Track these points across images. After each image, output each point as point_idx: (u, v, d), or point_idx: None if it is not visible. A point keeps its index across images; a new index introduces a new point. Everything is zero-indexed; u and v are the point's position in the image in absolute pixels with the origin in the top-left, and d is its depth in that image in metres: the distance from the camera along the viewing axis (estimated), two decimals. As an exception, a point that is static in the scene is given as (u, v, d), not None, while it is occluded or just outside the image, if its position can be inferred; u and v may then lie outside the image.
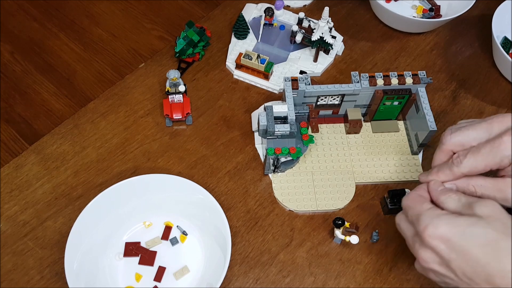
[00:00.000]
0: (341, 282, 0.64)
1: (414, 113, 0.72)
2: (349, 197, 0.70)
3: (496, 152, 0.52)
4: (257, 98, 0.79)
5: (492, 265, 0.47)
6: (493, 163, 0.53)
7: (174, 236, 0.66)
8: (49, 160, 0.72)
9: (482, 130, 0.55)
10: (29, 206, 0.68)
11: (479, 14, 0.91)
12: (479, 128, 0.55)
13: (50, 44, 0.90)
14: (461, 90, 0.82)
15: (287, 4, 0.89)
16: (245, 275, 0.64)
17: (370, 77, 0.69)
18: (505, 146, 0.52)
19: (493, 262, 0.47)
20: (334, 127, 0.75)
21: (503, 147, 0.52)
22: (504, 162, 0.52)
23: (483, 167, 0.54)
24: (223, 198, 0.70)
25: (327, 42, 0.78)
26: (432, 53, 0.86)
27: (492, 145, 0.53)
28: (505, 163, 0.52)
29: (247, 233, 0.67)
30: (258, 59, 0.78)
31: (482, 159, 0.53)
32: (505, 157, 0.52)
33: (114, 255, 0.65)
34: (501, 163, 0.52)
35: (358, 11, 0.91)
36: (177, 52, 0.79)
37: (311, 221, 0.68)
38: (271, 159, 0.68)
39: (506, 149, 0.52)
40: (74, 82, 0.86)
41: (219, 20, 0.88)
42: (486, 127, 0.55)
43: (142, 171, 0.71)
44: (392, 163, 0.73)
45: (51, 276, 0.63)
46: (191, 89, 0.79)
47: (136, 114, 0.77)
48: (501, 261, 0.46)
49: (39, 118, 0.81)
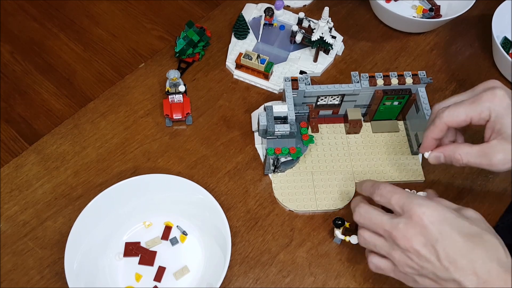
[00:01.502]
0: (341, 282, 0.64)
1: (414, 113, 0.72)
2: (349, 197, 0.70)
3: (477, 103, 0.56)
4: (257, 98, 0.79)
5: (475, 252, 0.48)
6: (474, 113, 0.56)
7: (174, 236, 0.66)
8: (49, 160, 0.72)
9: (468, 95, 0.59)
10: (29, 206, 0.68)
11: (479, 14, 0.91)
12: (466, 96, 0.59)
13: (50, 44, 0.90)
14: (461, 90, 0.81)
15: (287, 4, 0.89)
16: (245, 275, 0.64)
17: (370, 77, 0.69)
18: (486, 98, 0.55)
19: (476, 249, 0.48)
20: (334, 127, 0.75)
21: (484, 99, 0.55)
22: (485, 114, 0.55)
23: (464, 117, 0.56)
24: (223, 198, 0.70)
25: (327, 42, 0.78)
26: (432, 53, 0.86)
27: (473, 98, 0.56)
28: (485, 115, 0.55)
29: (247, 233, 0.67)
30: (258, 59, 0.78)
31: (463, 109, 0.56)
32: (485, 108, 0.55)
33: (114, 255, 0.65)
34: (481, 114, 0.55)
35: (358, 11, 0.91)
36: (177, 52, 0.79)
37: (311, 221, 0.68)
38: (271, 159, 0.68)
39: (487, 101, 0.55)
40: (74, 82, 0.86)
41: (219, 20, 0.88)
42: (471, 91, 0.59)
43: (142, 171, 0.71)
44: (392, 163, 0.73)
45: (51, 276, 0.63)
46: (191, 89, 0.79)
47: (136, 114, 0.77)
48: (485, 249, 0.49)
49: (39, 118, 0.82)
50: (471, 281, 0.48)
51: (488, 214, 0.69)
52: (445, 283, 0.49)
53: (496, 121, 0.55)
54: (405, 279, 0.54)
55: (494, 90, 0.55)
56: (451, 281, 0.49)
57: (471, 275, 0.48)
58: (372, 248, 0.55)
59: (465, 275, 0.48)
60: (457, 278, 0.48)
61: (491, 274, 0.47)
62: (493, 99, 0.55)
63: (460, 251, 0.49)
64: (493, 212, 0.70)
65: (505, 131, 0.54)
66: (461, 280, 0.48)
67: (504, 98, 0.54)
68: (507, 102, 0.54)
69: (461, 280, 0.48)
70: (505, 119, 0.54)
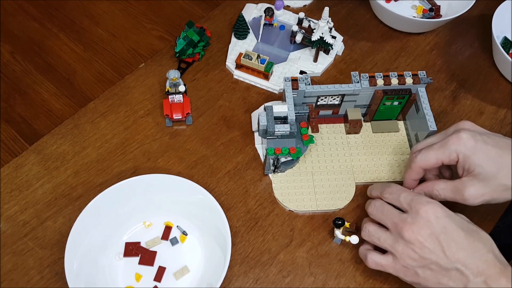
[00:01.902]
0: (341, 282, 0.64)
1: (414, 113, 0.72)
2: (349, 197, 0.70)
3: (445, 147, 0.59)
4: (257, 98, 0.79)
5: (475, 244, 0.54)
6: (444, 156, 0.59)
7: (174, 236, 0.66)
8: (49, 160, 0.72)
9: (440, 137, 0.62)
10: (29, 206, 0.68)
11: (479, 14, 0.91)
12: (438, 138, 0.62)
13: (50, 44, 0.90)
14: (461, 90, 0.82)
15: (287, 4, 0.89)
16: (245, 275, 0.64)
17: (370, 77, 0.69)
18: (452, 142, 0.59)
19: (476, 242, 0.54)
20: (334, 127, 0.75)
21: (450, 142, 0.59)
22: (453, 156, 0.59)
23: (434, 161, 0.60)
24: (223, 198, 0.70)
25: (327, 42, 0.78)
26: (432, 53, 0.86)
27: (442, 141, 0.60)
28: (454, 157, 0.59)
29: (247, 233, 0.67)
30: (258, 59, 0.78)
31: (433, 153, 0.60)
32: (453, 151, 0.59)
33: (114, 255, 0.65)
34: (450, 156, 0.59)
35: (358, 11, 0.91)
36: (177, 52, 0.79)
37: (311, 221, 0.68)
38: (271, 159, 0.68)
39: (453, 144, 0.59)
40: (74, 82, 0.86)
41: (219, 20, 0.88)
42: (443, 133, 0.62)
43: (142, 171, 0.71)
44: (392, 163, 0.73)
45: (51, 276, 0.63)
46: (191, 89, 0.79)
47: (136, 114, 0.77)
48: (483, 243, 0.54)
49: (39, 118, 0.82)
50: (472, 270, 0.53)
51: (488, 214, 0.69)
52: (447, 273, 0.54)
53: (465, 161, 0.59)
54: (404, 273, 0.57)
55: (459, 133, 0.59)
56: (453, 270, 0.53)
57: (471, 265, 0.53)
58: (376, 240, 0.59)
59: (466, 264, 0.53)
60: (459, 268, 0.53)
61: (489, 264, 0.53)
62: (458, 142, 0.59)
63: (462, 243, 0.54)
64: (493, 212, 0.70)
65: (473, 169, 0.58)
66: (463, 270, 0.53)
67: (468, 140, 0.58)
68: (471, 144, 0.58)
69: (463, 269, 0.53)
70: (471, 159, 0.58)
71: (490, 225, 0.69)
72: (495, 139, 0.59)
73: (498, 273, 0.52)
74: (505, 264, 0.53)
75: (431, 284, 0.55)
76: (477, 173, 0.58)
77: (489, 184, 0.57)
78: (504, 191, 0.58)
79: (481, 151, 0.58)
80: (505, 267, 0.53)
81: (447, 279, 0.54)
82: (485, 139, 0.59)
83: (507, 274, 0.52)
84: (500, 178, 0.57)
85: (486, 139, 0.59)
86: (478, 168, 0.58)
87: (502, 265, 0.53)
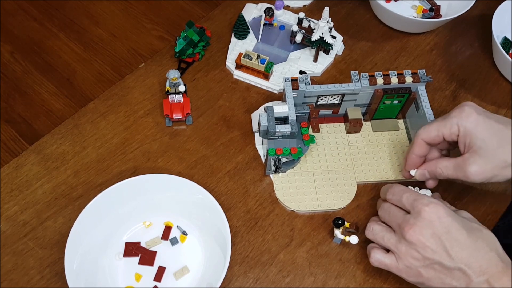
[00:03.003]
0: (341, 282, 0.64)
1: (414, 112, 0.72)
2: (350, 196, 0.70)
3: (447, 119, 0.60)
4: (257, 98, 0.79)
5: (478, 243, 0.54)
6: (445, 129, 0.60)
7: (174, 236, 0.66)
8: (49, 160, 0.72)
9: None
10: (29, 206, 0.68)
11: (479, 14, 0.91)
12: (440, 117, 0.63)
13: (50, 44, 0.90)
14: (461, 90, 0.82)
15: (287, 4, 0.89)
16: (245, 275, 0.64)
17: (370, 76, 0.69)
18: (455, 114, 0.59)
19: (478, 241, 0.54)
20: (334, 127, 0.75)
21: (453, 115, 0.60)
22: (454, 129, 0.59)
23: (436, 132, 0.61)
24: (223, 198, 0.70)
25: (327, 42, 0.78)
26: (432, 53, 0.86)
27: (445, 115, 0.61)
28: (455, 130, 0.59)
29: (247, 233, 0.67)
30: (258, 59, 0.78)
31: (435, 125, 0.61)
32: (454, 124, 0.59)
33: (114, 255, 0.65)
34: (451, 129, 0.59)
35: (358, 11, 0.91)
36: (177, 52, 0.79)
37: (311, 221, 0.68)
38: (272, 160, 0.68)
39: (455, 117, 0.59)
40: (74, 82, 0.86)
41: (219, 20, 0.88)
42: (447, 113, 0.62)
43: (142, 171, 0.71)
44: (393, 161, 0.73)
45: (51, 276, 0.63)
46: (191, 89, 0.79)
47: (136, 114, 0.77)
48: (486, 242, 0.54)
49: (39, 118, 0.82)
50: (474, 269, 0.53)
51: (488, 214, 0.69)
52: (450, 273, 0.54)
53: (466, 135, 0.59)
54: (407, 273, 0.57)
55: (462, 106, 0.59)
56: (456, 270, 0.53)
57: (474, 264, 0.53)
58: (380, 240, 0.59)
59: (469, 263, 0.53)
60: (462, 267, 0.53)
61: (491, 263, 0.53)
62: (460, 114, 0.59)
63: (465, 242, 0.54)
64: (493, 212, 0.70)
65: (474, 144, 0.58)
66: (466, 269, 0.53)
67: (471, 113, 0.58)
68: (474, 117, 0.58)
69: (466, 269, 0.53)
70: (473, 133, 0.58)
71: (490, 225, 0.69)
72: (497, 116, 0.59)
73: (500, 272, 0.52)
74: (507, 263, 0.53)
75: (434, 284, 0.55)
76: (477, 148, 0.57)
77: (490, 160, 0.57)
78: (505, 168, 0.58)
79: (483, 125, 0.58)
80: (508, 266, 0.53)
81: (450, 279, 0.54)
82: (487, 114, 0.59)
83: (509, 273, 0.52)
84: (501, 153, 0.57)
85: (489, 115, 0.59)
86: (479, 142, 0.57)
87: (504, 263, 0.53)
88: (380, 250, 0.59)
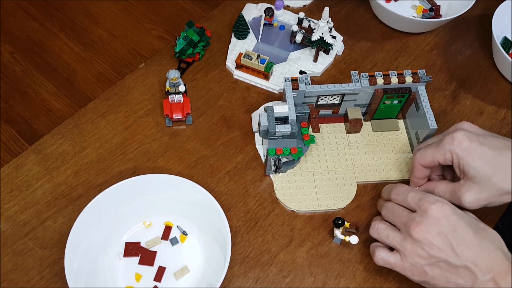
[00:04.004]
0: (341, 282, 0.64)
1: (414, 112, 0.72)
2: (350, 196, 0.70)
3: (440, 146, 0.60)
4: (257, 98, 0.79)
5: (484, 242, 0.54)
6: (439, 155, 0.60)
7: (174, 236, 0.66)
8: (49, 160, 0.72)
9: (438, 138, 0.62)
10: (29, 206, 0.68)
11: (479, 14, 0.91)
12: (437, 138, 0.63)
13: (50, 44, 0.90)
14: (461, 90, 0.82)
15: (287, 4, 0.89)
16: (245, 275, 0.64)
17: (370, 76, 0.69)
18: (447, 141, 0.59)
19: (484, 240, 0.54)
20: (334, 127, 0.75)
21: (445, 142, 0.59)
22: (448, 156, 0.59)
23: (431, 158, 0.61)
24: (223, 198, 0.70)
25: (327, 42, 0.78)
26: (432, 53, 0.86)
27: (439, 140, 0.61)
28: (448, 157, 0.59)
29: (247, 233, 0.67)
30: (258, 59, 0.78)
31: (430, 151, 0.61)
32: (447, 151, 0.59)
33: (114, 255, 0.65)
34: (445, 155, 0.59)
35: (358, 11, 0.91)
36: (177, 52, 0.79)
37: (311, 221, 0.68)
38: (272, 160, 0.68)
39: (447, 144, 0.59)
40: (74, 82, 0.86)
41: (219, 20, 0.88)
42: (443, 134, 0.62)
43: (142, 171, 0.71)
44: (393, 161, 0.73)
45: (51, 276, 0.63)
46: (191, 89, 0.79)
47: (136, 114, 0.77)
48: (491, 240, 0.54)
49: (39, 118, 0.82)
50: (480, 267, 0.53)
51: (488, 214, 0.69)
52: (456, 271, 0.54)
53: (459, 162, 0.58)
54: (412, 272, 0.56)
55: (454, 133, 0.59)
56: (462, 268, 0.53)
57: (480, 262, 0.53)
58: (384, 238, 0.59)
59: (475, 262, 0.53)
60: (468, 265, 0.53)
61: (497, 261, 0.53)
62: (452, 141, 0.58)
63: (471, 241, 0.54)
64: (493, 212, 0.70)
65: (468, 171, 0.58)
66: (472, 267, 0.53)
67: (463, 141, 0.58)
68: (465, 145, 0.58)
69: (472, 267, 0.53)
70: (465, 160, 0.58)
71: (490, 225, 0.68)
72: (491, 141, 0.58)
73: (506, 271, 0.52)
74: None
75: (439, 283, 0.55)
76: (471, 176, 0.57)
77: (484, 188, 0.57)
78: (502, 196, 0.57)
79: (475, 153, 0.57)
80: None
81: (455, 277, 0.54)
82: (481, 140, 0.58)
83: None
84: (496, 181, 0.56)
85: (482, 140, 0.58)
86: (472, 170, 0.57)
87: (510, 262, 0.53)
88: (384, 248, 0.59)
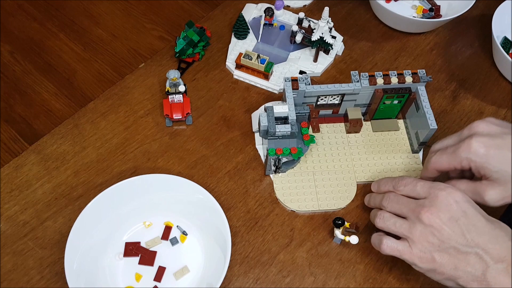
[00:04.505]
0: (341, 282, 0.64)
1: (414, 112, 0.72)
2: (350, 196, 0.70)
3: (456, 154, 0.58)
4: (257, 98, 0.79)
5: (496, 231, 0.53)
6: (455, 162, 0.59)
7: (174, 236, 0.66)
8: (49, 160, 0.72)
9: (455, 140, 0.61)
10: (29, 206, 0.68)
11: (479, 14, 0.91)
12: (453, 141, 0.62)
13: (50, 44, 0.90)
14: (461, 90, 0.82)
15: (287, 4, 0.89)
16: (245, 275, 0.64)
17: (370, 76, 0.69)
18: (463, 150, 0.58)
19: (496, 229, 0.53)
20: (334, 127, 0.75)
21: (461, 150, 0.58)
22: (464, 163, 0.58)
23: (446, 165, 0.60)
24: (223, 198, 0.70)
25: (327, 42, 0.78)
26: (432, 53, 0.86)
27: (455, 147, 0.59)
28: (465, 164, 0.58)
29: (247, 233, 0.67)
30: (258, 59, 0.78)
31: (446, 158, 0.60)
32: (464, 159, 0.58)
33: (114, 255, 0.65)
34: (461, 163, 0.58)
35: (358, 11, 0.91)
36: (177, 52, 0.79)
37: (311, 221, 0.68)
38: (272, 160, 0.68)
39: (463, 152, 0.58)
40: (74, 82, 0.86)
41: (219, 20, 0.88)
42: (458, 135, 0.61)
43: (142, 171, 0.71)
44: (393, 161, 0.73)
45: (51, 276, 0.63)
46: (191, 89, 0.79)
47: (136, 114, 0.77)
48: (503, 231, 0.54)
49: (39, 118, 0.82)
50: (492, 255, 0.52)
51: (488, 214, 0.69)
52: (465, 257, 0.53)
53: (478, 168, 0.58)
54: (420, 259, 0.55)
55: (470, 140, 0.58)
56: (472, 254, 0.53)
57: (492, 250, 0.52)
58: (391, 226, 0.58)
59: (487, 249, 0.52)
60: (479, 252, 0.52)
61: (508, 251, 0.52)
62: (469, 150, 0.57)
63: (483, 228, 0.53)
64: (493, 212, 0.69)
65: (490, 175, 0.57)
66: (483, 254, 0.52)
67: (479, 148, 0.57)
68: (482, 152, 0.57)
69: (483, 254, 0.52)
70: (485, 166, 0.57)
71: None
72: (509, 139, 0.57)
73: None
74: None
75: (447, 270, 0.54)
76: (495, 178, 0.57)
77: (508, 186, 0.56)
78: None
79: (495, 157, 0.56)
80: None
81: (464, 264, 0.53)
82: (498, 143, 0.57)
83: None
84: None
85: (500, 143, 0.57)
86: (495, 174, 0.56)
87: None
88: (391, 237, 0.58)
